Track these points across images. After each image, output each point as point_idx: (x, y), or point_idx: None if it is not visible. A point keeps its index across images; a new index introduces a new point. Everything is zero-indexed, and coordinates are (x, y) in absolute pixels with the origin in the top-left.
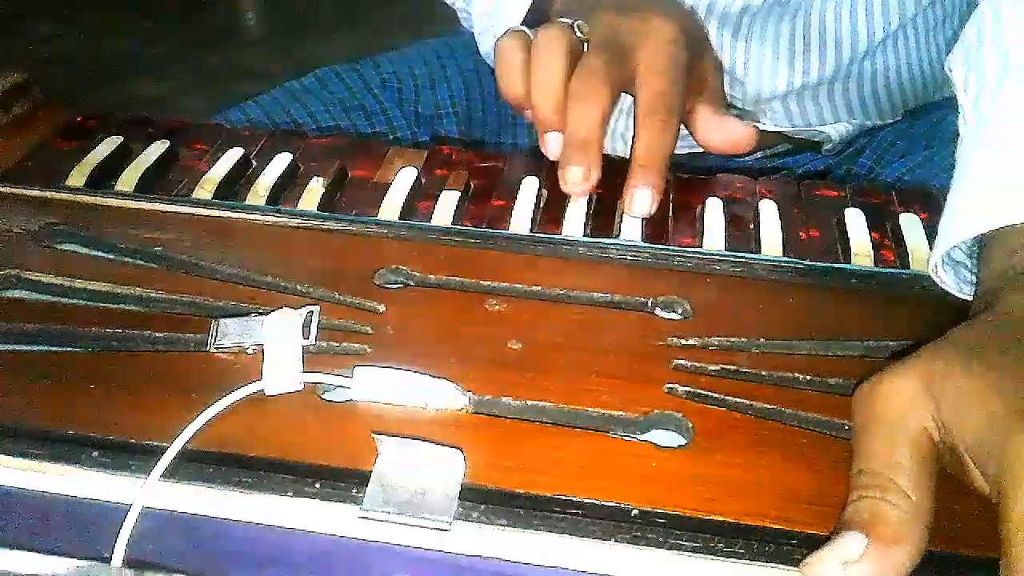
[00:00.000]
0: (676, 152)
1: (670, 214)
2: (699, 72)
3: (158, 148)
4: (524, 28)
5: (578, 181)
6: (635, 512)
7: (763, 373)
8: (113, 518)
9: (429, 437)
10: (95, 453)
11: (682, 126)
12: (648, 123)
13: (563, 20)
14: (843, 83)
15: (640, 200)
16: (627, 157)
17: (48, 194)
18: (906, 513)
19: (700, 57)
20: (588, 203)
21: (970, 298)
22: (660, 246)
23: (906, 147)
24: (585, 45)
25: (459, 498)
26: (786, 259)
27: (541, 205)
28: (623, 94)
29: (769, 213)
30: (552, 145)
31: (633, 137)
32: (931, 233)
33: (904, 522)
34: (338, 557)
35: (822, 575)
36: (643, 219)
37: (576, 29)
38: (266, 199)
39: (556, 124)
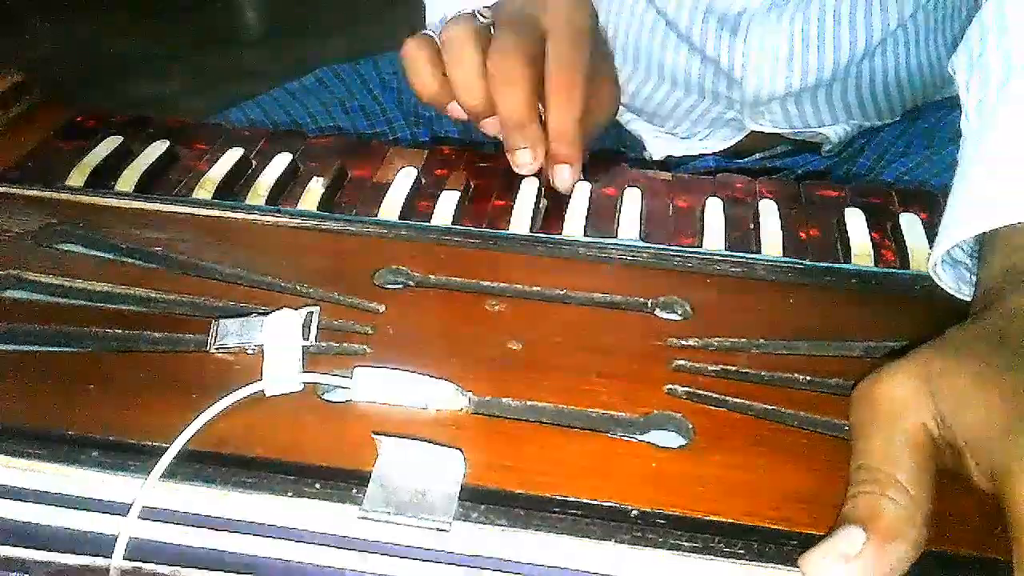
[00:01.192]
0: (676, 153)
1: (670, 214)
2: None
3: (158, 148)
4: (429, 32)
5: (528, 161)
6: (635, 512)
7: (763, 373)
8: (113, 518)
9: (429, 437)
10: (95, 453)
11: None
12: (556, 99)
13: (463, 11)
14: (842, 84)
15: (560, 175)
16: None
17: (48, 194)
18: (905, 509)
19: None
20: (588, 203)
21: (968, 298)
22: (660, 246)
23: (906, 147)
24: (492, 29)
25: (459, 498)
26: (786, 259)
27: (541, 205)
28: None
29: (769, 213)
30: (490, 129)
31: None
32: (931, 233)
33: (903, 518)
34: (338, 557)
35: (821, 570)
36: (643, 219)
37: (478, 16)
38: (266, 199)
39: (487, 111)
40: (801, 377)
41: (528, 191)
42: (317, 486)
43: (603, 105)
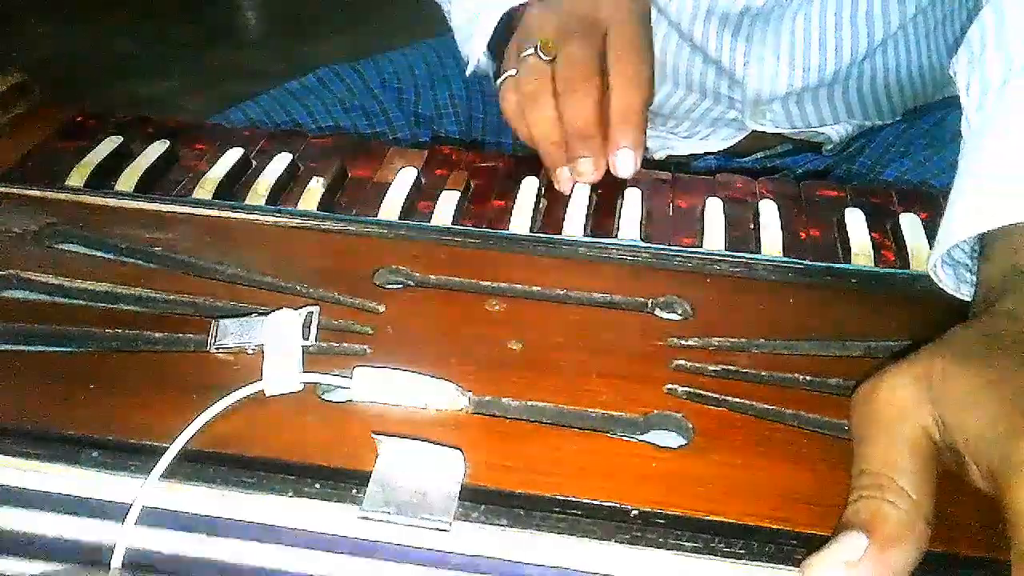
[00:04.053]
0: (676, 153)
1: (670, 214)
2: None
3: (158, 148)
4: (513, 73)
5: (589, 171)
6: (635, 512)
7: (763, 373)
8: (113, 518)
9: (429, 437)
10: (95, 453)
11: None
12: (622, 84)
13: (527, 53)
14: (843, 84)
15: (624, 162)
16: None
17: (48, 194)
18: (907, 513)
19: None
20: (588, 203)
21: (968, 298)
22: (660, 246)
23: (906, 147)
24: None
25: (459, 498)
26: (786, 259)
27: (541, 205)
28: None
29: (769, 213)
30: (564, 185)
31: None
32: (931, 233)
33: (905, 522)
34: (338, 557)
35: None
36: (643, 219)
37: (540, 54)
38: (266, 199)
39: (562, 159)
40: (801, 377)
41: (528, 191)
42: (317, 486)
43: None
